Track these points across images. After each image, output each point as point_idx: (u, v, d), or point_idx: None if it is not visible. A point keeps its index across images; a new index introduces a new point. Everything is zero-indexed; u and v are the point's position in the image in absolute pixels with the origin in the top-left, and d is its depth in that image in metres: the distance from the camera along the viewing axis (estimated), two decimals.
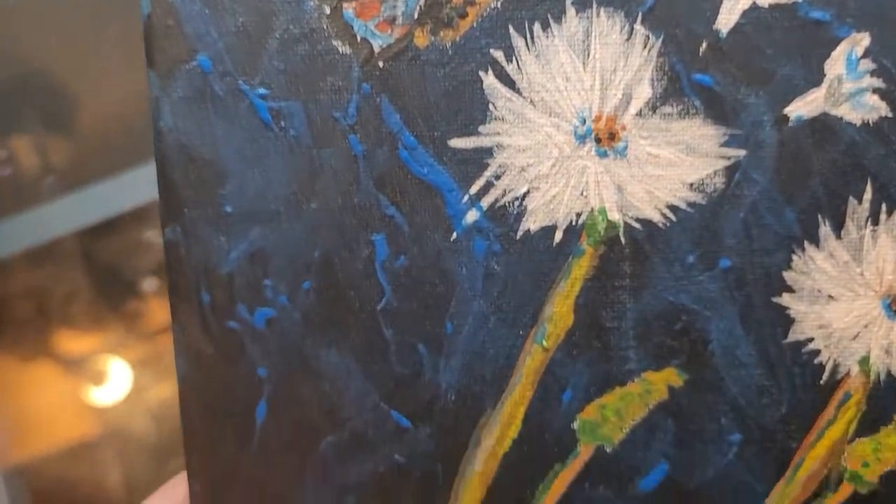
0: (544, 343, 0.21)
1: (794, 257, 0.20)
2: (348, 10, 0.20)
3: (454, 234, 0.21)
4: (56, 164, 0.42)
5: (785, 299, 0.21)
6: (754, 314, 0.20)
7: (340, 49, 0.20)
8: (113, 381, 0.44)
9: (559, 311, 0.21)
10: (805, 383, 0.21)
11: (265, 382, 0.21)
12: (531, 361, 0.21)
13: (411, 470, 0.21)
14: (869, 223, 0.20)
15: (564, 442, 0.21)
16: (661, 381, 0.21)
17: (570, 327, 0.21)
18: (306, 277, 0.21)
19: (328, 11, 0.20)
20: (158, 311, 0.43)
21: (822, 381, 0.21)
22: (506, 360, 0.21)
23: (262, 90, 0.20)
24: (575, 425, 0.21)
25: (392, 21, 0.20)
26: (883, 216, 0.20)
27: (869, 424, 0.21)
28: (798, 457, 0.21)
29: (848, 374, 0.21)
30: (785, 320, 0.21)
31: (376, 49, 0.20)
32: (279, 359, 0.21)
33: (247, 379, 0.21)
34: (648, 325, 0.21)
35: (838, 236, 0.20)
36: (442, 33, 0.20)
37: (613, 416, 0.21)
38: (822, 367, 0.21)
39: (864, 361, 0.21)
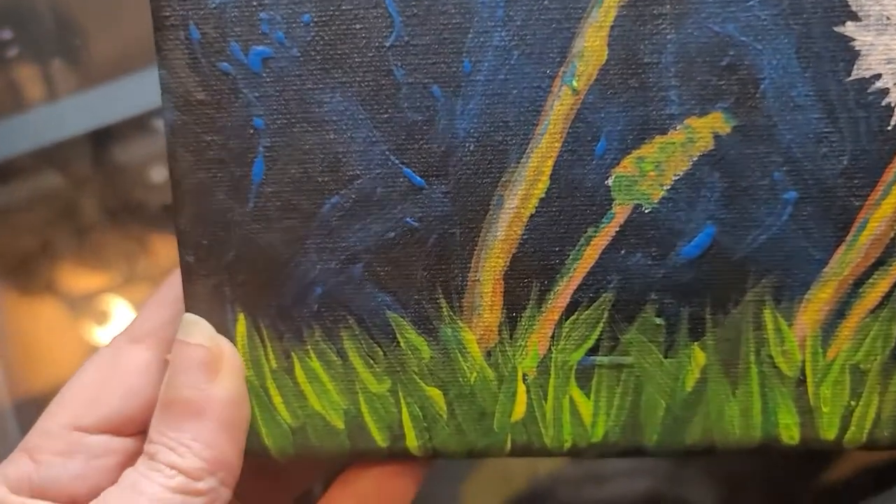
0: (574, 83, 0.22)
1: None
2: None
3: None
4: (62, 94, 0.44)
5: (848, 28, 0.21)
6: (813, 46, 0.21)
7: None
8: (116, 322, 0.46)
9: (591, 45, 0.21)
10: (870, 129, 0.21)
11: (262, 135, 0.22)
12: (560, 105, 0.22)
13: (425, 235, 0.22)
14: None
15: (598, 201, 0.22)
16: (707, 129, 0.22)
17: (603, 64, 0.22)
18: (306, 9, 0.22)
19: None
20: (163, 253, 0.45)
21: (889, 127, 0.21)
22: (531, 103, 0.22)
23: None
24: (609, 182, 0.22)
25: None
26: None
27: None
28: (861, 217, 0.22)
29: None
30: (848, 54, 0.21)
31: None
32: (277, 105, 0.22)
33: (242, 130, 0.22)
34: (692, 60, 0.21)
35: None
36: None
37: (653, 169, 0.22)
38: (890, 109, 0.21)
39: None
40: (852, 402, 0.23)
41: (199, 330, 0.23)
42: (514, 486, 0.42)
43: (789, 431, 0.23)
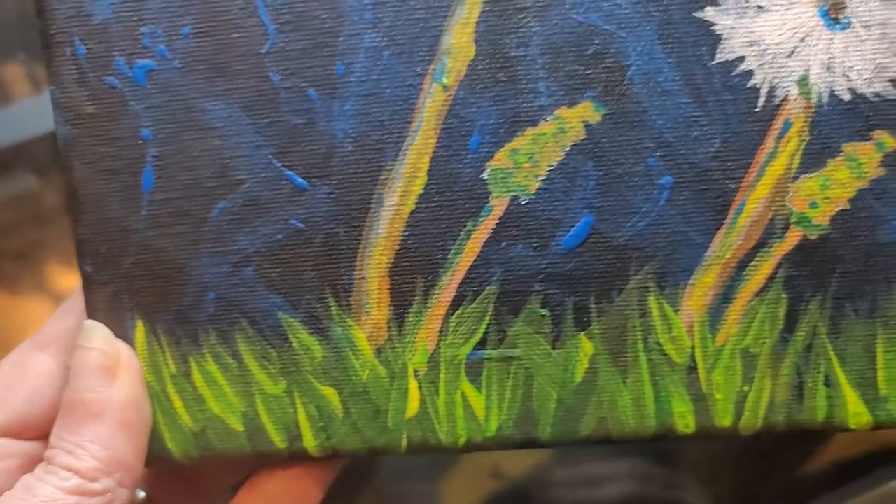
0: (444, 80, 0.24)
1: None
2: None
3: None
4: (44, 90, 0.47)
5: (708, 13, 0.23)
6: (675, 32, 0.23)
7: None
8: None
9: (458, 41, 0.24)
10: (739, 111, 0.23)
11: (150, 145, 0.25)
12: (432, 102, 0.24)
13: (312, 236, 0.25)
14: None
15: (476, 195, 0.24)
16: (577, 118, 0.24)
17: (471, 60, 0.24)
18: (185, 22, 0.24)
19: None
20: None
21: (757, 108, 0.23)
22: (404, 101, 0.24)
23: None
24: (485, 175, 0.24)
25: None
26: None
27: (814, 157, 0.23)
28: (738, 199, 0.24)
29: (786, 98, 0.23)
30: (711, 38, 0.23)
31: None
32: (164, 115, 0.25)
33: (131, 141, 0.25)
34: (558, 51, 0.23)
35: None
36: None
37: (527, 161, 0.24)
38: (756, 90, 0.23)
39: (804, 81, 0.23)
40: (745, 388, 0.25)
41: (98, 335, 0.25)
42: (494, 484, 0.44)
43: (684, 420, 0.25)
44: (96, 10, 0.25)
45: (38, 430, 0.26)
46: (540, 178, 0.24)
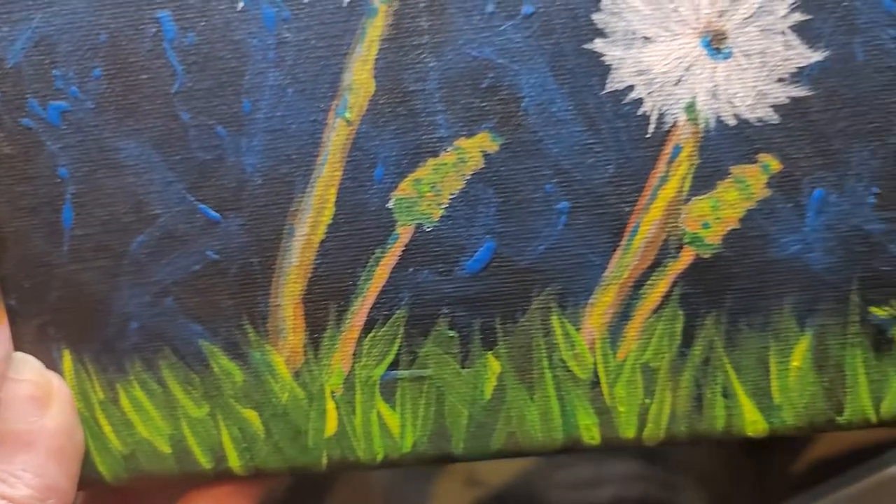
0: (347, 115, 0.26)
1: None
2: None
3: (241, 4, 0.25)
4: None
5: (597, 45, 0.25)
6: (566, 64, 0.25)
7: None
8: None
9: (359, 78, 0.25)
10: (631, 138, 0.25)
11: (67, 183, 0.26)
12: (336, 137, 0.26)
13: (227, 266, 0.26)
14: None
15: (382, 223, 0.26)
16: (475, 148, 0.25)
17: (372, 95, 0.25)
18: (95, 64, 0.26)
19: None
20: None
21: (648, 135, 0.25)
22: (310, 136, 0.26)
23: None
24: (390, 204, 0.26)
25: None
26: None
27: (704, 180, 0.25)
28: (633, 222, 0.25)
29: (675, 124, 0.25)
30: (600, 68, 0.25)
31: None
32: (79, 155, 0.26)
33: (49, 179, 0.26)
34: (454, 85, 0.25)
35: None
36: None
37: (429, 190, 0.26)
38: (646, 117, 0.25)
39: (691, 108, 0.25)
40: (647, 400, 0.27)
41: (28, 366, 0.27)
42: (485, 487, 0.46)
43: (589, 432, 0.27)
44: (8, 56, 0.26)
45: None
46: (443, 206, 0.26)
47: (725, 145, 0.25)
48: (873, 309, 0.26)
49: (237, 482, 0.29)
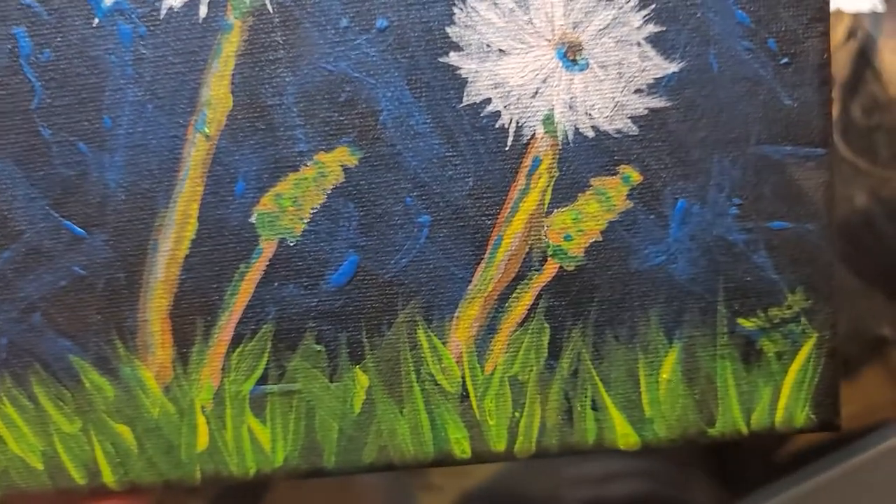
0: (206, 130, 0.27)
1: (456, 10, 0.26)
2: None
3: (96, 20, 0.27)
4: None
5: (452, 58, 0.27)
6: (422, 77, 0.27)
7: None
8: None
9: (216, 93, 0.27)
10: (489, 150, 0.27)
11: None
12: (196, 152, 0.28)
13: (94, 281, 0.28)
14: None
15: (245, 238, 0.28)
16: (335, 162, 0.27)
17: (230, 110, 0.27)
18: None
19: None
20: None
21: (507, 147, 0.27)
22: (170, 152, 0.28)
23: None
24: (253, 219, 0.28)
25: None
26: None
27: (565, 192, 0.27)
28: (495, 234, 0.27)
29: (534, 136, 0.27)
30: (456, 81, 0.27)
31: None
32: None
33: None
34: (311, 99, 0.27)
35: None
36: None
37: (291, 205, 0.28)
38: (504, 130, 0.27)
39: (549, 120, 0.27)
40: (516, 413, 0.29)
41: None
42: (472, 480, 0.48)
43: (460, 445, 0.29)
44: None
45: None
46: (305, 221, 0.28)
47: (585, 157, 0.27)
48: (741, 320, 0.28)
49: (126, 496, 0.31)
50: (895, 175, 0.47)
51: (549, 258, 0.28)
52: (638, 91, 0.27)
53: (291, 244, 0.29)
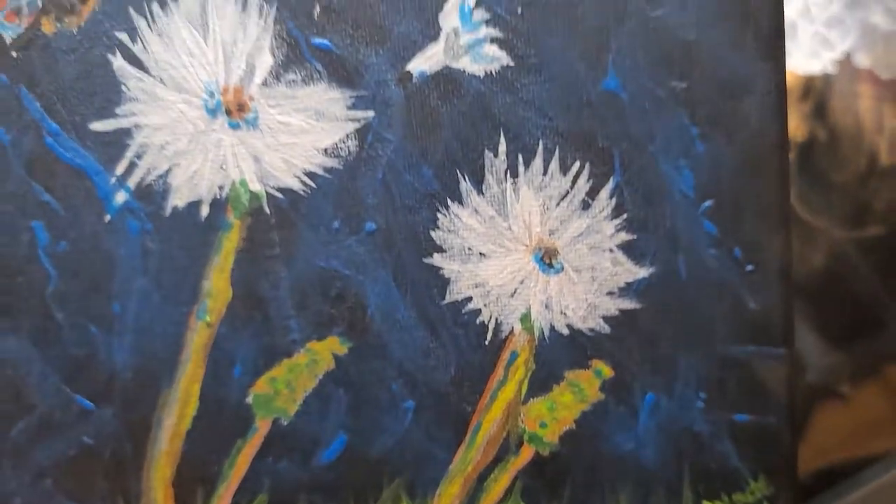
0: (207, 318, 0.30)
1: (440, 216, 0.29)
2: None
3: (108, 217, 0.30)
4: None
5: (436, 259, 0.29)
6: (408, 275, 0.29)
7: None
8: None
9: (217, 285, 0.30)
10: (470, 344, 0.29)
11: None
12: (198, 338, 0.30)
13: (101, 451, 0.31)
14: (508, 176, 0.28)
15: (242, 417, 0.30)
16: (326, 350, 0.30)
17: (230, 300, 0.30)
18: None
19: None
20: None
21: (487, 341, 0.29)
22: (174, 337, 0.30)
23: None
24: (249, 400, 0.30)
25: (18, 12, 0.29)
26: (521, 168, 0.28)
27: (541, 384, 0.29)
28: (475, 420, 0.30)
29: (512, 332, 0.29)
30: (440, 280, 0.29)
31: (7, 40, 0.29)
32: None
33: None
34: (305, 293, 0.29)
35: (480, 191, 0.28)
36: (67, 19, 0.29)
37: (285, 388, 0.30)
38: (484, 326, 0.29)
39: (526, 318, 0.29)
40: None
41: None
42: None
43: None
44: None
45: None
46: (297, 403, 0.31)
47: (560, 352, 0.29)
48: (706, 502, 0.30)
49: None
50: (851, 235, 0.49)
51: (525, 443, 0.30)
52: (610, 293, 0.29)
53: (285, 423, 0.31)
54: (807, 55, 0.47)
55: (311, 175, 0.29)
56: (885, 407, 0.50)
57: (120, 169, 0.29)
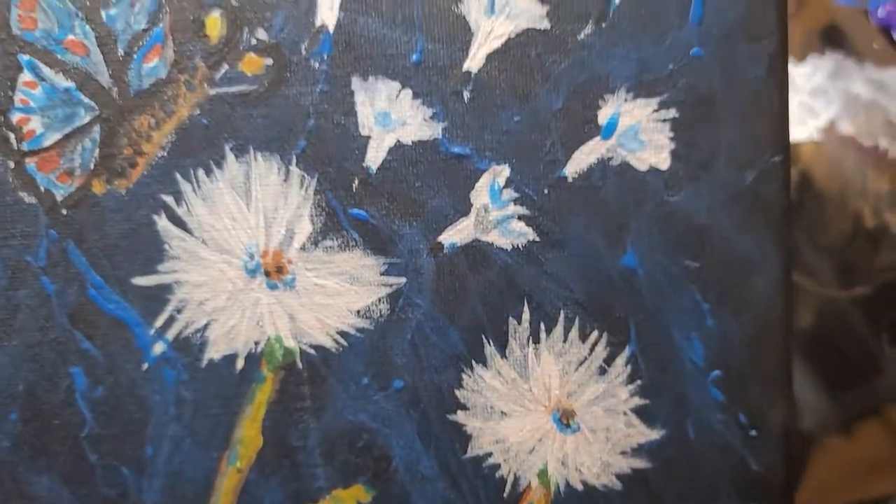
0: (238, 464, 0.32)
1: (464, 376, 0.31)
2: (31, 164, 0.31)
3: (145, 365, 0.31)
4: None
5: (459, 416, 0.31)
6: (432, 430, 0.31)
7: (27, 199, 0.31)
8: None
9: (248, 433, 0.31)
10: (489, 496, 0.31)
11: None
12: (228, 482, 0.32)
13: None
14: (531, 342, 0.30)
15: None
16: (351, 498, 0.31)
17: (260, 448, 0.31)
18: (12, 409, 0.32)
19: (12, 166, 0.31)
20: None
21: (505, 494, 0.31)
22: (204, 480, 0.32)
23: None
24: None
25: (71, 173, 0.31)
26: (543, 334, 0.30)
27: None
28: None
29: (529, 486, 0.31)
30: (462, 436, 0.31)
31: (59, 198, 0.31)
32: None
33: None
34: (332, 443, 0.31)
35: (503, 355, 0.30)
36: (117, 181, 0.31)
37: None
38: (503, 480, 0.31)
39: (543, 474, 0.31)
40: None
41: None
42: None
43: None
44: None
45: None
46: None
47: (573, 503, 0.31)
48: None
49: None
50: (841, 294, 0.51)
51: None
52: (623, 453, 0.31)
53: None
54: (794, 123, 0.49)
55: (343, 334, 0.31)
56: (884, 447, 0.52)
57: (159, 322, 0.31)
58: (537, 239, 0.30)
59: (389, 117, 0.30)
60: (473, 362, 0.30)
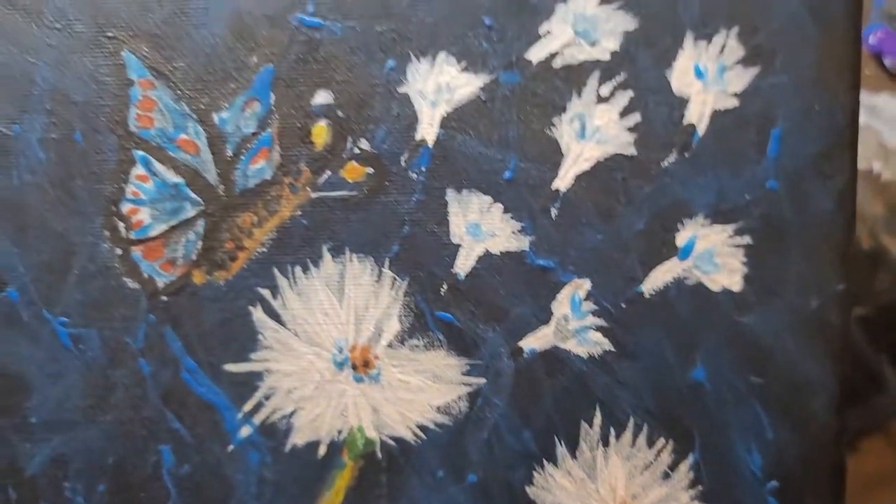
0: None
1: (535, 474, 0.33)
2: (136, 252, 0.33)
3: (231, 447, 0.33)
4: None
5: None
6: None
7: (130, 284, 0.33)
8: None
9: None
10: None
11: None
12: None
13: None
14: (600, 445, 0.32)
15: None
16: None
17: None
18: (101, 481, 0.34)
19: (119, 252, 0.33)
20: None
21: None
22: None
23: (63, 318, 0.33)
24: None
25: (173, 262, 0.33)
26: (612, 438, 0.32)
27: None
28: None
29: None
30: None
31: (160, 285, 0.33)
32: None
33: None
34: None
35: (573, 456, 0.32)
36: (216, 273, 0.33)
37: None
38: None
39: None
40: None
41: None
42: None
43: None
44: (28, 467, 0.34)
45: None
46: None
47: None
48: None
49: None
50: None
51: None
52: None
53: None
54: None
55: (423, 428, 0.33)
56: (888, 462, 0.54)
57: (248, 406, 0.33)
58: (612, 349, 0.32)
59: (480, 228, 0.32)
60: (545, 461, 0.32)
